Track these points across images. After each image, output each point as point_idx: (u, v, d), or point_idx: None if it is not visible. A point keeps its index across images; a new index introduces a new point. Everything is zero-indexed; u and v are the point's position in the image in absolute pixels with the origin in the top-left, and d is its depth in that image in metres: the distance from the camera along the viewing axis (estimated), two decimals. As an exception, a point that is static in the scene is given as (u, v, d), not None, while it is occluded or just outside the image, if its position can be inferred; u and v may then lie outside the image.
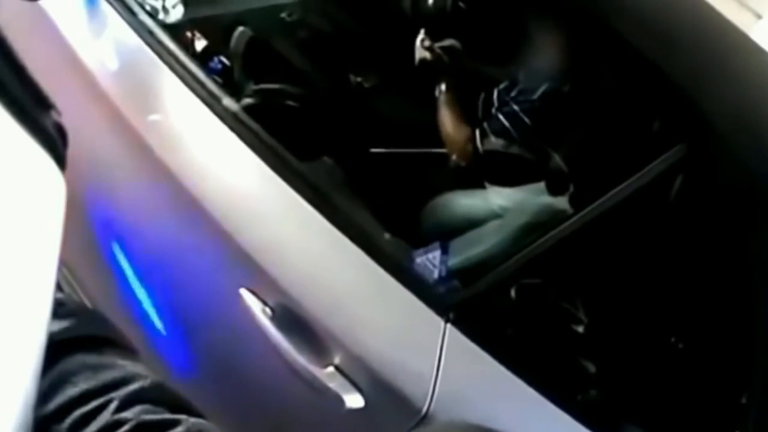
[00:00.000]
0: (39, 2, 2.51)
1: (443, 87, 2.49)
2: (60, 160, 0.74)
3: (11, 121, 0.67)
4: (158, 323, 2.27)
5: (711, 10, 2.04)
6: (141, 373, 0.93)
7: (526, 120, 2.33)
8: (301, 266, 1.95)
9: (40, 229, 0.71)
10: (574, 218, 1.88)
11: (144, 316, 2.27)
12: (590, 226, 1.84)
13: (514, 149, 2.36)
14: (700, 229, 1.87)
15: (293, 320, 1.89)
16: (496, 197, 2.26)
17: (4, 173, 0.65)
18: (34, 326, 0.72)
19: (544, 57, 2.37)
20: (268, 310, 1.92)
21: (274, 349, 1.89)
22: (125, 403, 0.87)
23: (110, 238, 2.40)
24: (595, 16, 2.03)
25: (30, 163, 0.69)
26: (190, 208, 2.09)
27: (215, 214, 2.03)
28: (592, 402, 1.90)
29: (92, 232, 2.47)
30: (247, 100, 2.31)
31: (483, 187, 2.31)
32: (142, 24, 2.42)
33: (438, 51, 2.55)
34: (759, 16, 4.41)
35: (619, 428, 1.83)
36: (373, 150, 2.37)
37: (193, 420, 0.90)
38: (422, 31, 2.60)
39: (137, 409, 0.88)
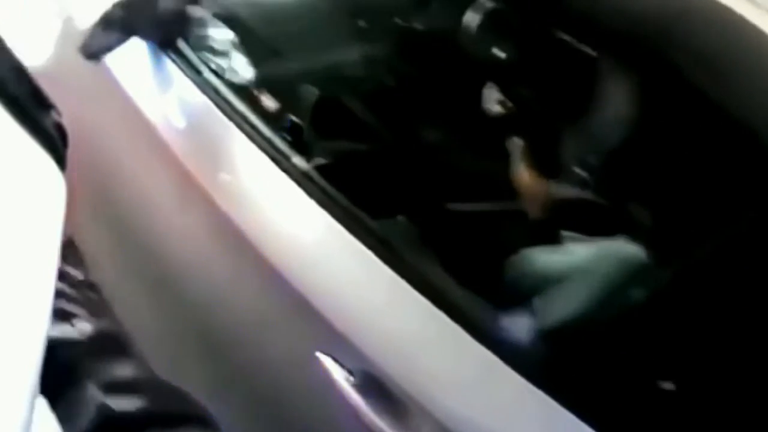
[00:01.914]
0: (102, 61, 2.59)
1: (516, 139, 2.51)
2: (60, 160, 0.75)
3: (11, 121, 0.69)
4: (230, 388, 2.30)
5: None
6: None
7: (604, 170, 2.33)
8: (380, 328, 1.97)
9: (39, 228, 0.72)
10: (662, 272, 1.89)
11: (217, 381, 2.30)
12: (682, 279, 1.85)
13: (593, 200, 2.36)
14: None
15: (373, 385, 1.90)
16: (577, 252, 2.26)
17: (4, 173, 0.66)
18: (33, 327, 0.73)
19: (620, 105, 2.38)
20: (345, 373, 1.93)
21: (354, 415, 1.90)
22: None
23: (178, 298, 2.45)
24: (672, 65, 2.04)
25: (30, 163, 0.71)
26: (261, 269, 2.13)
27: (287, 275, 2.06)
28: None
29: (160, 292, 2.53)
30: (318, 159, 2.34)
31: (562, 240, 2.31)
32: (208, 83, 2.47)
33: (509, 103, 2.57)
34: None
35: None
36: (448, 206, 2.38)
37: None
38: (492, 83, 2.63)
39: None
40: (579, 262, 2.13)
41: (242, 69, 2.64)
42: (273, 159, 2.26)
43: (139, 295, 2.71)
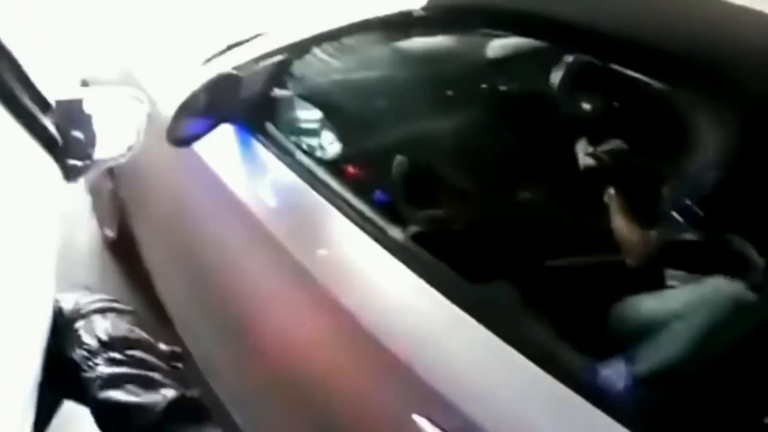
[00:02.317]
0: (194, 148, 2.64)
1: (612, 191, 2.50)
2: (60, 160, 0.78)
3: (11, 121, 0.71)
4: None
5: None
6: None
7: (701, 211, 2.31)
8: (477, 388, 1.98)
9: (39, 227, 0.75)
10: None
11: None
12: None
13: (694, 241, 2.33)
14: None
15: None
16: (677, 296, 2.23)
17: (4, 173, 0.68)
18: (35, 324, 0.75)
19: (709, 143, 2.36)
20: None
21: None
22: None
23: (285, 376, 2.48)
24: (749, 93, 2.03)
25: (30, 163, 0.73)
26: (364, 341, 2.16)
27: (387, 341, 2.10)
28: None
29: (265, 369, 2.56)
30: (413, 228, 2.37)
31: (664, 287, 2.28)
32: (298, 161, 2.52)
33: (601, 155, 2.57)
34: None
35: None
36: (548, 263, 2.38)
37: None
38: (583, 138, 2.63)
39: None
40: (679, 306, 2.10)
41: (331, 146, 2.69)
42: (369, 233, 2.31)
43: (245, 367, 2.77)
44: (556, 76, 2.71)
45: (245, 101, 2.65)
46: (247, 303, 2.73)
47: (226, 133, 2.73)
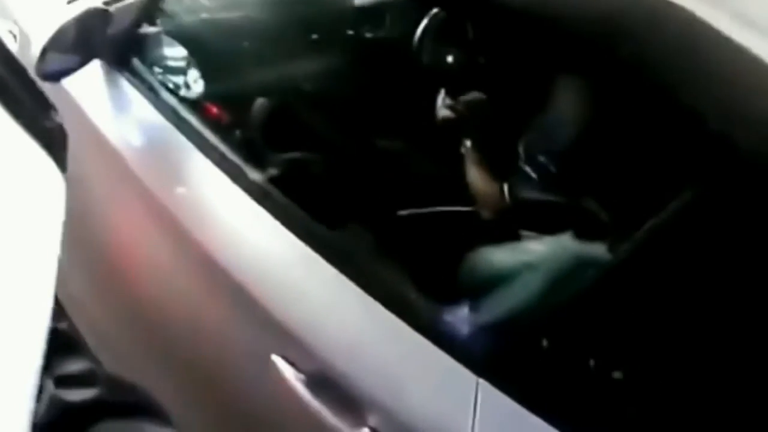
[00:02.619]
0: (61, 83, 2.61)
1: (468, 143, 2.57)
2: (60, 160, 0.77)
3: (11, 121, 0.70)
4: (189, 390, 2.36)
5: (728, 41, 2.11)
6: None
7: (553, 168, 2.39)
8: (332, 331, 2.04)
9: (39, 229, 0.73)
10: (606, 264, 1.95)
11: (175, 382, 2.36)
12: (627, 269, 1.91)
13: (546, 198, 2.42)
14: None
15: (326, 384, 1.96)
16: (530, 249, 2.32)
17: (3, 173, 0.67)
18: (34, 328, 0.74)
19: (566, 103, 2.44)
20: (300, 375, 1.99)
21: (308, 413, 1.96)
22: None
23: (141, 310, 2.50)
24: (615, 58, 2.11)
25: (30, 164, 0.72)
26: (221, 280, 2.19)
27: (245, 284, 2.13)
28: None
29: (123, 303, 2.57)
30: (272, 171, 2.39)
31: (518, 239, 2.36)
32: (163, 100, 2.53)
33: (460, 107, 2.63)
34: None
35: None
36: (401, 212, 2.43)
37: None
38: (443, 89, 2.69)
39: None
40: (530, 258, 2.18)
41: (196, 85, 2.69)
42: (228, 174, 2.31)
43: (101, 303, 2.78)
44: (420, 27, 2.77)
45: (114, 37, 2.62)
46: (109, 239, 2.73)
47: (95, 69, 2.70)
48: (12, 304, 0.68)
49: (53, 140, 0.76)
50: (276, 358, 2.03)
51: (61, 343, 0.95)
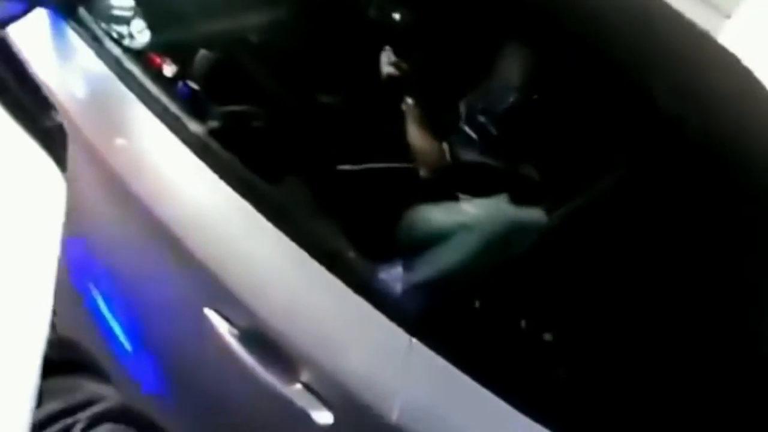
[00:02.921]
0: (6, 30, 2.58)
1: (410, 101, 2.58)
2: (60, 160, 0.77)
3: (11, 122, 0.71)
4: (126, 343, 2.35)
5: (673, 11, 2.14)
6: (107, 395, 0.99)
7: (494, 131, 2.41)
8: (266, 286, 2.04)
9: (40, 227, 0.74)
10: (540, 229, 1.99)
11: (111, 335, 2.36)
12: (558, 232, 1.94)
13: (484, 160, 2.44)
14: (678, 231, 1.96)
15: (260, 339, 1.98)
16: (466, 210, 2.34)
17: (4, 173, 0.68)
18: (35, 326, 0.74)
19: (511, 67, 2.46)
20: (234, 329, 2.01)
21: (242, 367, 1.98)
22: (91, 423, 0.93)
23: (77, 260, 2.49)
24: (561, 26, 2.13)
25: (30, 163, 0.72)
26: (157, 231, 2.18)
27: (182, 236, 2.12)
28: (564, 410, 1.94)
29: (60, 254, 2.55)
30: (213, 124, 2.38)
31: (455, 199, 2.38)
32: (108, 51, 2.50)
33: (403, 66, 2.64)
34: (727, 16, 4.45)
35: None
36: (341, 167, 2.44)
37: None
38: (387, 47, 2.69)
39: (103, 428, 0.93)
40: (466, 219, 2.21)
41: (140, 35, 2.66)
42: (169, 125, 2.29)
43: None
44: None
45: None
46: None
47: (40, 17, 2.66)
48: (12, 302, 0.69)
49: (53, 140, 0.80)
50: (209, 312, 2.04)
51: None
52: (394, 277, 2.04)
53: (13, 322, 0.69)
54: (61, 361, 0.96)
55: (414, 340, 1.87)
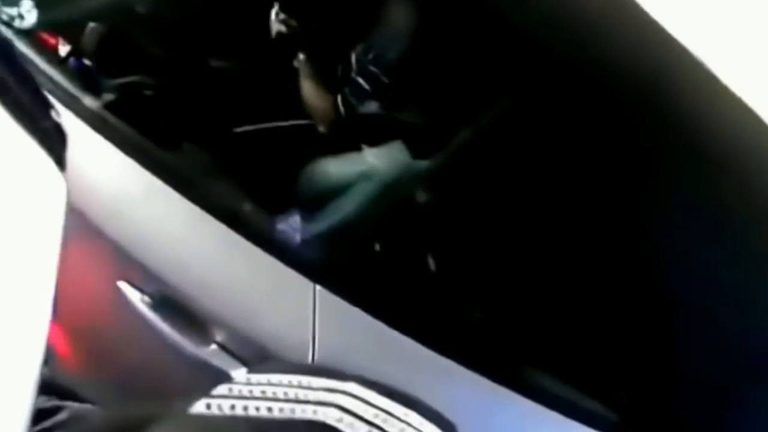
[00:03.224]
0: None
1: (302, 57, 2.62)
2: (60, 160, 0.77)
3: (11, 122, 0.69)
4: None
5: None
6: None
7: (385, 80, 2.46)
8: (172, 252, 2.08)
9: (40, 229, 0.73)
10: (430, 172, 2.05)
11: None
12: (442, 173, 2.00)
13: (377, 109, 2.49)
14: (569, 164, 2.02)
15: (172, 305, 2.03)
16: (363, 159, 2.39)
17: (3, 173, 0.67)
18: (34, 329, 0.74)
19: (397, 16, 2.49)
20: (146, 298, 2.05)
21: (158, 335, 2.02)
22: None
23: None
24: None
25: (30, 163, 0.72)
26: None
27: (86, 210, 2.14)
28: (468, 342, 2.03)
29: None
30: (107, 97, 2.40)
31: (353, 151, 2.43)
32: (-1, 35, 2.48)
33: (292, 22, 2.67)
34: None
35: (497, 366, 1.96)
36: (237, 129, 2.47)
37: (77, 405, 0.96)
38: (276, 4, 2.72)
39: None
40: (363, 168, 2.26)
41: (29, 14, 2.65)
42: (63, 102, 2.27)
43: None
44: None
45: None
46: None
47: None
48: (12, 303, 0.69)
49: (53, 140, 0.76)
50: (122, 284, 2.08)
51: None
52: (292, 226, 2.09)
53: (12, 322, 0.69)
54: None
55: (318, 287, 1.92)
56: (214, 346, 1.99)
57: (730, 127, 1.79)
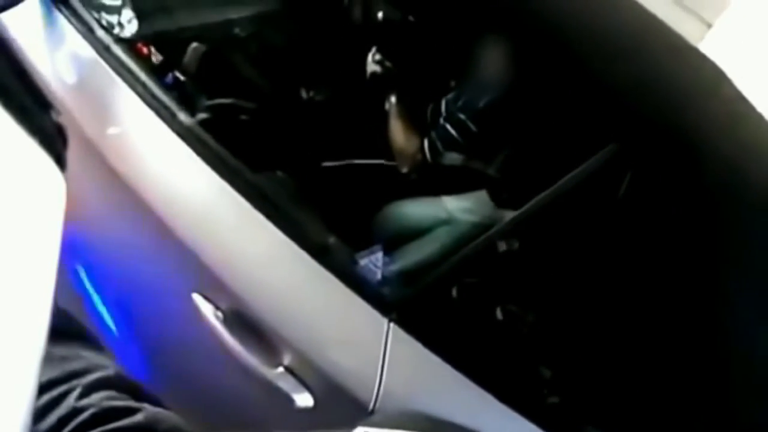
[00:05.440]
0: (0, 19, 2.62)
1: (393, 99, 2.68)
2: (60, 160, 0.76)
3: (11, 121, 0.70)
4: (113, 327, 2.43)
5: (654, 19, 2.22)
6: (104, 363, 1.02)
7: (473, 128, 2.51)
8: (251, 272, 2.12)
9: (39, 229, 0.73)
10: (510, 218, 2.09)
11: (99, 320, 2.44)
12: (524, 225, 2.04)
13: (462, 159, 2.55)
14: (648, 227, 2.05)
15: (244, 323, 2.06)
16: (445, 205, 2.44)
17: (3, 173, 0.68)
18: (35, 327, 0.75)
19: (489, 67, 2.55)
20: (219, 313, 2.09)
21: (227, 351, 2.05)
22: (88, 390, 0.96)
23: (68, 245, 2.54)
24: (538, 28, 2.21)
25: (30, 163, 0.72)
26: (146, 218, 2.24)
27: (170, 223, 2.19)
28: (534, 395, 2.06)
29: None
30: (201, 115, 2.46)
31: (433, 195, 2.48)
32: (98, 39, 2.55)
33: (388, 64, 2.74)
34: (709, 25, 4.49)
35: (560, 423, 1.97)
36: (325, 164, 2.53)
37: (153, 409, 0.98)
38: (374, 46, 2.79)
39: (99, 395, 0.96)
40: (443, 214, 2.31)
41: (130, 25, 2.72)
42: (158, 114, 2.35)
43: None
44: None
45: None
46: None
47: (33, 5, 2.70)
48: (11, 304, 0.69)
49: (53, 140, 0.76)
50: (197, 297, 2.12)
51: None
52: (372, 262, 2.14)
53: (12, 323, 0.70)
54: (58, 329, 0.89)
55: (391, 324, 1.96)
56: (280, 369, 2.02)
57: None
